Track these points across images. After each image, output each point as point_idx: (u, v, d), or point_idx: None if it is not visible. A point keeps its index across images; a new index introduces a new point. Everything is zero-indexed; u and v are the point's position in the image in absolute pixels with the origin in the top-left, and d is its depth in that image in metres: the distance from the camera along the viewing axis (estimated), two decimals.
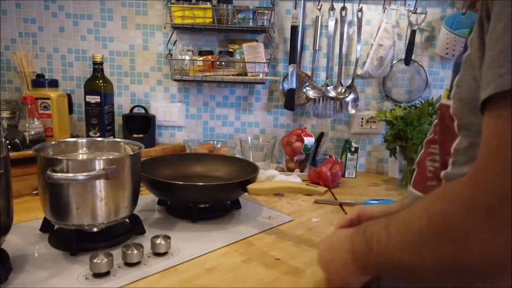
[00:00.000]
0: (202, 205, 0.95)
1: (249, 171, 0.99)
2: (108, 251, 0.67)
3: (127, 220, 0.81)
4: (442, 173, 0.52)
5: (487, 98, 0.37)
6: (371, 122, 1.46)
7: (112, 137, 1.30)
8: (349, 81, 1.44)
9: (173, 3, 1.30)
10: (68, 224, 0.73)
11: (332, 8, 1.37)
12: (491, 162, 0.35)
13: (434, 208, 0.39)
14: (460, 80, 0.49)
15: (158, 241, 0.72)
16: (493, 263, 0.34)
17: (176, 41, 1.37)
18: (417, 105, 1.34)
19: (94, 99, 1.23)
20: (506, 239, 0.33)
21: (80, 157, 0.86)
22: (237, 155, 1.29)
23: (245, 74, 1.32)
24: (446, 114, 0.51)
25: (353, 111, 1.44)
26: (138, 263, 0.69)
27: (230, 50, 1.37)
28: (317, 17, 1.39)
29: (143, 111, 1.39)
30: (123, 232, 0.80)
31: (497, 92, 0.35)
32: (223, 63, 1.32)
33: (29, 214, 0.88)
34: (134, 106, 1.39)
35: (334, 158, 1.36)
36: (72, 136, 1.26)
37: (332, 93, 1.42)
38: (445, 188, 0.43)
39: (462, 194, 0.37)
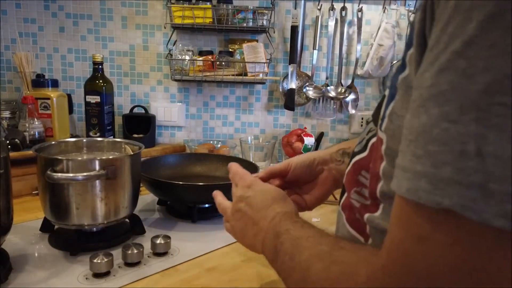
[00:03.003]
0: (202, 205, 0.95)
1: (249, 171, 0.99)
2: (108, 251, 0.67)
3: (127, 220, 0.81)
4: (366, 215, 0.42)
5: None
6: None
7: (112, 137, 1.30)
8: (349, 81, 1.44)
9: (173, 3, 1.30)
10: (68, 224, 0.73)
11: (332, 8, 1.37)
12: (392, 265, 0.28)
13: (337, 279, 0.34)
14: (393, 111, 0.36)
15: (158, 241, 0.72)
16: None
17: (176, 41, 1.37)
18: None
19: (94, 99, 1.23)
20: None
21: (80, 157, 0.86)
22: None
23: (245, 74, 1.32)
24: (378, 147, 0.39)
25: (353, 111, 1.44)
26: (138, 263, 0.69)
27: (230, 50, 1.37)
28: (317, 17, 1.39)
29: (143, 111, 1.39)
30: (123, 232, 0.80)
31: (408, 198, 0.26)
32: (223, 63, 1.32)
33: (29, 214, 0.88)
34: (134, 106, 1.38)
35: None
36: (72, 136, 1.26)
37: (332, 93, 1.42)
38: (355, 258, 0.35)
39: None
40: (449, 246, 0.24)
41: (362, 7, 1.37)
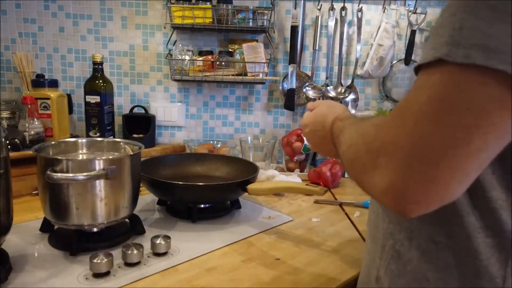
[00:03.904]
0: (202, 205, 0.95)
1: (249, 171, 0.99)
2: (108, 251, 0.67)
3: (127, 220, 0.81)
4: None
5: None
6: None
7: (112, 137, 1.30)
8: (349, 81, 1.44)
9: (173, 3, 1.30)
10: (68, 224, 0.73)
11: (332, 8, 1.37)
12: (394, 111, 0.41)
13: (357, 136, 0.50)
14: None
15: (158, 241, 0.72)
16: (379, 194, 0.41)
17: (176, 41, 1.37)
18: None
19: (94, 99, 1.23)
20: (382, 179, 0.40)
21: (80, 157, 0.86)
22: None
23: (245, 74, 1.32)
24: None
25: (353, 111, 1.44)
26: (138, 263, 0.69)
27: (230, 50, 1.37)
28: (317, 17, 1.39)
29: (143, 111, 1.39)
30: (123, 232, 0.80)
31: (420, 65, 0.39)
32: (223, 63, 1.32)
33: (29, 214, 0.88)
34: (134, 106, 1.39)
35: (334, 158, 1.35)
36: (72, 136, 1.26)
37: (332, 93, 1.42)
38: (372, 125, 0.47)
39: (369, 134, 0.45)
40: (437, 86, 0.36)
41: (362, 7, 1.37)
